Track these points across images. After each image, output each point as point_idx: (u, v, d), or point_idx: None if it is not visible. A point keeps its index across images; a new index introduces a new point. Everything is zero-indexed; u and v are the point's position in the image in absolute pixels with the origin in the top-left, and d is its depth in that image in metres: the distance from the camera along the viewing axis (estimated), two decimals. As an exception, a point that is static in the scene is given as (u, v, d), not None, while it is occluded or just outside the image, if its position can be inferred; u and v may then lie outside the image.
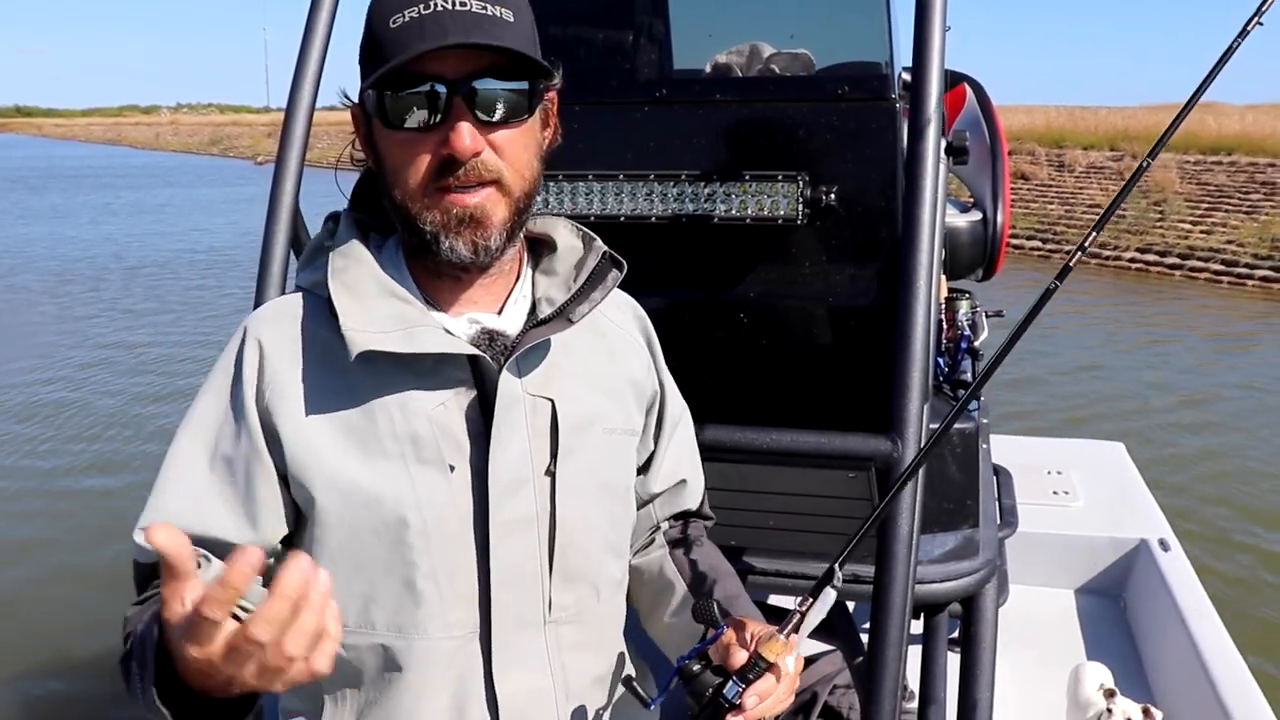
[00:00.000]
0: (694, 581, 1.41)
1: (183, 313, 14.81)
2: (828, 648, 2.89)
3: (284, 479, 1.20)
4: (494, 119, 1.15)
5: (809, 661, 3.00)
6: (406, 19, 1.11)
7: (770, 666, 1.13)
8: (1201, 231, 19.02)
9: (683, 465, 1.48)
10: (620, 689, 1.33)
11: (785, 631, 1.14)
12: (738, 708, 1.11)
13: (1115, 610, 3.93)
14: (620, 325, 1.40)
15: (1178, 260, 18.38)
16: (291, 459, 1.17)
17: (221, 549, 1.11)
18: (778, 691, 1.14)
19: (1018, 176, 23.51)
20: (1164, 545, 3.90)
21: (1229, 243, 18.26)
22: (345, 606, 1.17)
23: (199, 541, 1.12)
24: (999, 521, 2.87)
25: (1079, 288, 16.94)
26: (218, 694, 0.92)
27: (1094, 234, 1.27)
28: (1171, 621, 3.42)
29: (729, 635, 1.18)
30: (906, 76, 1.87)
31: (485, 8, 1.12)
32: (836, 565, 1.15)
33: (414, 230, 1.18)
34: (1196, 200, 20.34)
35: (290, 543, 1.23)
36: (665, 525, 1.48)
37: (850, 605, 2.55)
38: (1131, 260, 19.01)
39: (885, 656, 1.60)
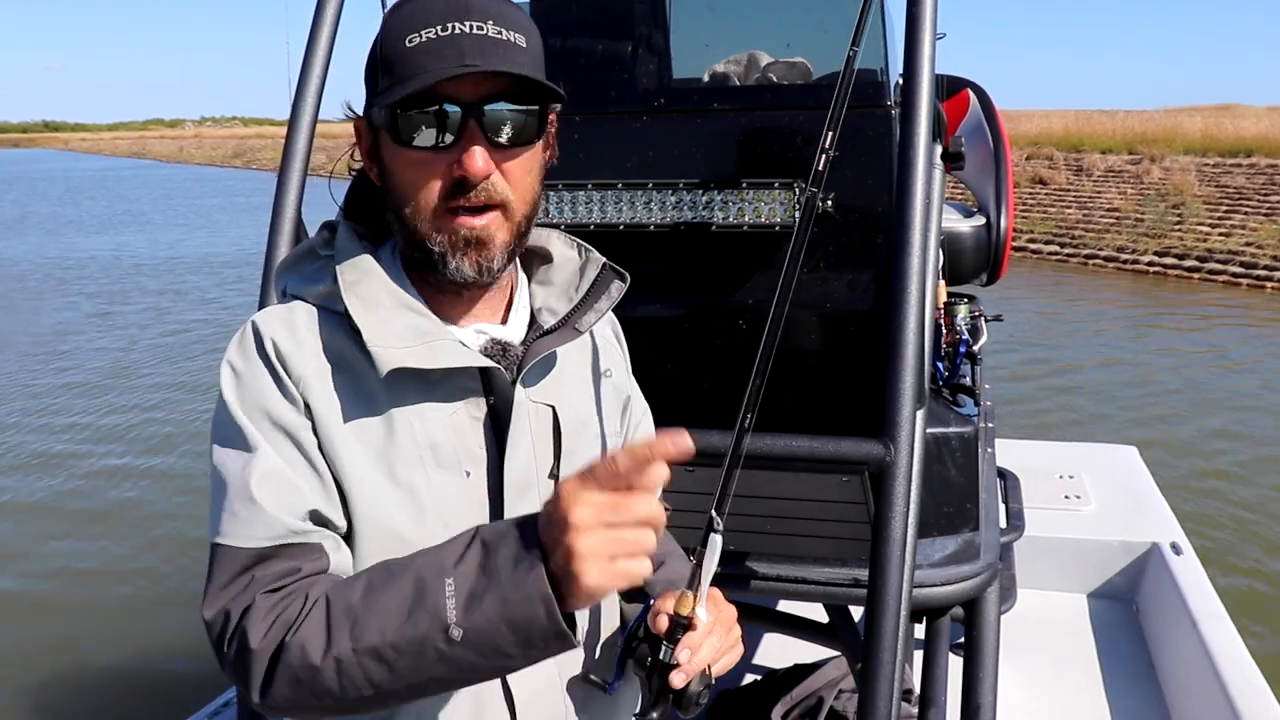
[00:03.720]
0: None
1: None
2: (833, 653, 2.90)
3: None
4: (504, 142, 1.17)
5: (814, 667, 3.02)
6: (424, 39, 1.13)
7: (690, 621, 1.19)
8: (1220, 234, 18.89)
9: None
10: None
11: (690, 586, 1.20)
12: (676, 666, 1.18)
13: (1127, 614, 3.91)
14: (601, 333, 1.45)
15: (1196, 263, 18.26)
16: (330, 462, 1.18)
17: (318, 521, 1.15)
18: (710, 641, 1.20)
19: (1035, 181, 23.43)
20: (1176, 549, 3.88)
21: (1248, 245, 18.13)
22: None
23: (314, 519, 1.15)
24: (1005, 525, 2.86)
25: (1098, 292, 16.88)
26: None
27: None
28: (1183, 625, 3.40)
29: (657, 605, 1.24)
30: None
31: (501, 32, 1.14)
32: (713, 511, 1.22)
33: (421, 247, 1.21)
34: (1215, 203, 20.21)
35: None
36: None
37: (857, 613, 2.56)
38: (1150, 264, 18.91)
39: (880, 659, 1.60)
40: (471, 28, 1.13)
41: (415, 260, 1.25)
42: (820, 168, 1.46)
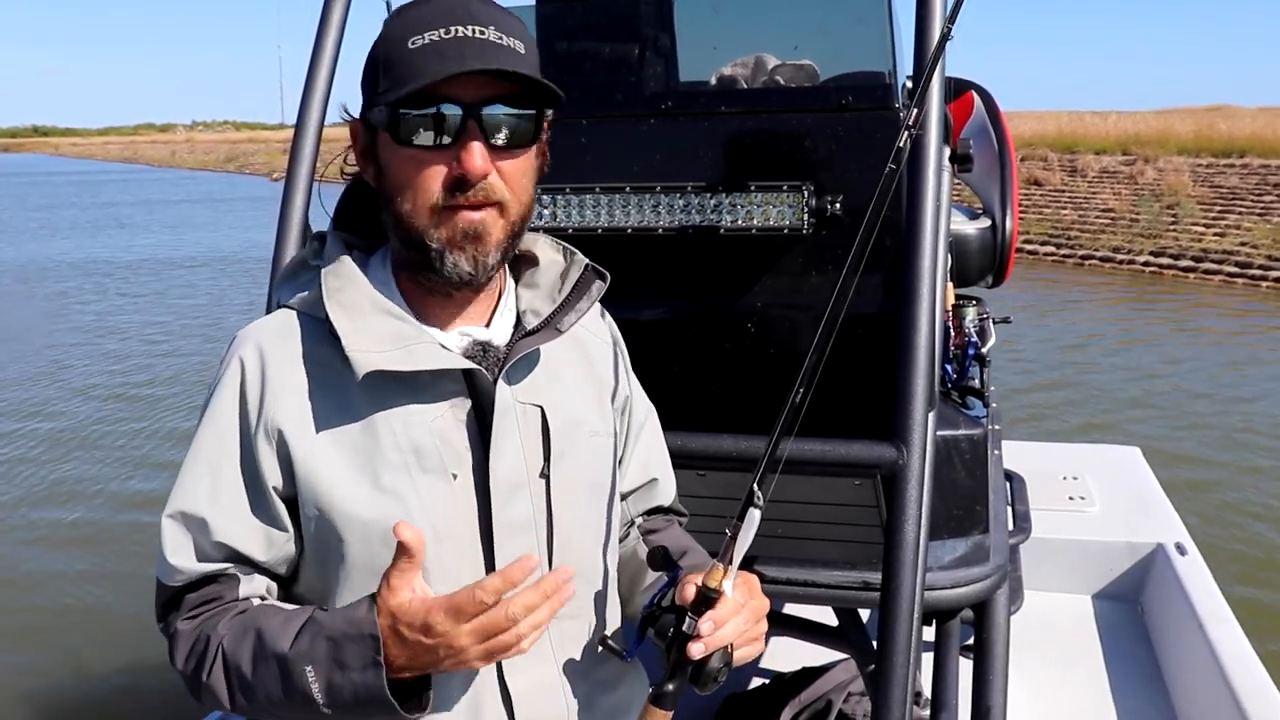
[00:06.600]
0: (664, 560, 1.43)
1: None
2: (842, 656, 2.90)
3: (292, 497, 1.24)
4: (501, 143, 1.20)
5: (822, 670, 3.02)
6: (426, 41, 1.16)
7: (719, 594, 1.17)
8: (1215, 234, 18.95)
9: (652, 464, 1.54)
10: (619, 677, 1.38)
11: (722, 559, 1.19)
12: (697, 636, 1.16)
13: (1132, 615, 3.91)
14: (595, 332, 1.45)
15: (1191, 263, 18.31)
16: (301, 477, 1.22)
17: (229, 557, 1.24)
18: (736, 620, 1.19)
19: (1030, 183, 23.47)
20: (1181, 549, 3.87)
21: (1242, 244, 18.19)
22: None
23: (228, 557, 1.24)
24: (1012, 527, 2.86)
25: (1097, 290, 16.91)
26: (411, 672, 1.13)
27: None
28: (1189, 626, 3.40)
29: (687, 575, 1.23)
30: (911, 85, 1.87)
31: (501, 38, 1.18)
32: (755, 484, 1.19)
33: (418, 245, 1.22)
34: (1209, 203, 20.27)
35: (308, 552, 1.27)
36: (639, 520, 1.54)
37: (864, 615, 2.55)
38: (1145, 264, 18.96)
39: (893, 663, 1.60)
40: (474, 31, 1.16)
41: (410, 261, 1.26)
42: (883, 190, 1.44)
